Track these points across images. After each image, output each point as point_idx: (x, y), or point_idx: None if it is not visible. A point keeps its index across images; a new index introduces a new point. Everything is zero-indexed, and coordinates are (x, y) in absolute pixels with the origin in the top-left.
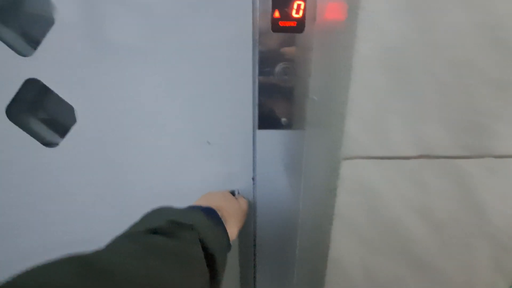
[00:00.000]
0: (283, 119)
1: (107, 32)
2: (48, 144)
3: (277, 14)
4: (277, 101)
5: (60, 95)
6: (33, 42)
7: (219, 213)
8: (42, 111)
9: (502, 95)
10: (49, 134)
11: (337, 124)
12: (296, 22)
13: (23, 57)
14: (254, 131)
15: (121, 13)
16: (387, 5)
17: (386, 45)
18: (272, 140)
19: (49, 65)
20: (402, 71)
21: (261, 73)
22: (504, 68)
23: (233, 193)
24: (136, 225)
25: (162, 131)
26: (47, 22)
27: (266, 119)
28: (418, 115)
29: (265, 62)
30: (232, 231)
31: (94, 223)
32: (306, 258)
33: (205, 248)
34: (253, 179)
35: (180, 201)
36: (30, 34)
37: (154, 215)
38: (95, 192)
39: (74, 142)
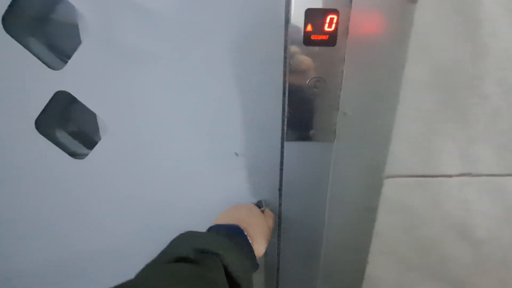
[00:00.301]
0: (311, 131)
1: (138, 43)
2: (75, 155)
3: (309, 28)
4: (306, 114)
5: (91, 108)
6: (59, 52)
7: (246, 232)
8: (69, 124)
9: None
10: (77, 146)
11: (380, 143)
12: (328, 36)
13: (53, 70)
14: (282, 142)
15: (150, 23)
16: (441, 28)
17: (437, 67)
18: (300, 152)
19: (79, 78)
20: (451, 93)
21: (291, 85)
22: None
23: (259, 204)
24: (164, 252)
25: (190, 143)
26: (73, 32)
27: (295, 131)
28: (464, 135)
29: (296, 74)
30: (259, 248)
31: (120, 235)
32: (338, 271)
33: (230, 275)
34: (279, 190)
35: (207, 213)
36: (56, 45)
37: (180, 242)
38: (121, 204)
39: (102, 154)
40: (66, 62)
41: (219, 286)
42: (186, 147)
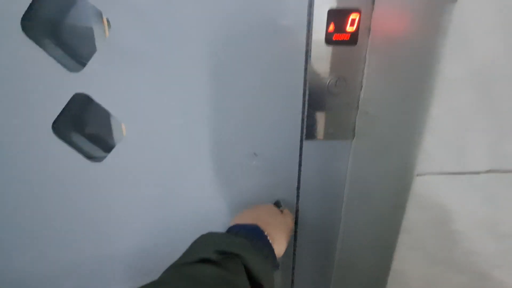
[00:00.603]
0: (331, 130)
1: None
2: (93, 158)
3: (331, 27)
4: (326, 112)
5: (110, 110)
6: (74, 55)
7: (266, 232)
8: (86, 126)
9: None
10: (94, 149)
11: (411, 141)
12: (349, 35)
13: (71, 73)
14: (301, 141)
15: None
16: (478, 24)
17: (474, 67)
18: (319, 150)
19: (98, 80)
20: (486, 90)
21: (312, 84)
22: None
23: (278, 204)
24: (186, 254)
25: (210, 144)
26: (86, 34)
27: (314, 129)
28: (495, 132)
29: (317, 73)
30: (279, 248)
31: (139, 237)
32: (360, 267)
33: (251, 276)
34: (297, 188)
35: (226, 213)
36: (71, 47)
37: (202, 243)
38: (140, 206)
39: (120, 156)
40: (82, 65)
41: (241, 287)
42: (206, 148)
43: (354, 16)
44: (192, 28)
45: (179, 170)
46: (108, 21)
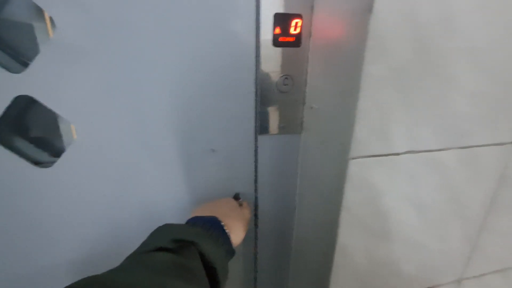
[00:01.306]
0: (282, 125)
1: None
2: (40, 164)
3: (277, 30)
4: (277, 109)
5: (59, 112)
6: (15, 54)
7: (223, 222)
8: (30, 130)
9: (472, 102)
10: (40, 154)
11: (345, 130)
12: (294, 38)
13: (12, 74)
14: (255, 136)
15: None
16: (392, 33)
17: (391, 66)
18: (272, 144)
19: (43, 81)
20: (402, 87)
21: (262, 83)
22: (476, 82)
23: (237, 196)
24: (143, 244)
25: (167, 142)
26: (28, 32)
27: (267, 125)
28: (409, 120)
29: (266, 73)
30: (236, 237)
31: (93, 242)
32: (310, 246)
33: (206, 261)
34: (255, 181)
35: (187, 209)
36: (11, 46)
37: (159, 233)
38: (95, 209)
39: (72, 160)
40: (24, 65)
41: (196, 272)
42: (163, 146)
43: (297, 20)
44: (142, 26)
45: (137, 171)
46: (51, 18)
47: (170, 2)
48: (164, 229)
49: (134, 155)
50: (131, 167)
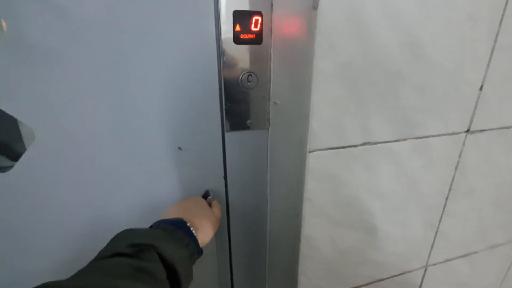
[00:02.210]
0: (248, 121)
1: (60, 40)
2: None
3: (238, 28)
4: (242, 105)
5: (13, 114)
6: None
7: (189, 223)
8: None
9: (420, 94)
10: None
11: (302, 124)
12: (254, 35)
13: None
14: (223, 133)
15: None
16: (338, 30)
17: (339, 62)
18: (240, 140)
19: None
20: (351, 81)
21: (226, 80)
22: (421, 75)
23: (207, 194)
24: (101, 251)
25: (133, 143)
26: None
27: (234, 122)
28: (363, 113)
29: (229, 70)
30: (204, 237)
31: (59, 247)
32: (281, 239)
33: (166, 263)
34: (224, 177)
35: (156, 209)
36: None
37: (117, 239)
38: (59, 214)
39: (31, 163)
40: None
41: (155, 273)
42: (128, 146)
43: (257, 17)
44: (100, 24)
45: (102, 173)
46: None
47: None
48: (122, 235)
49: (99, 156)
50: (95, 169)
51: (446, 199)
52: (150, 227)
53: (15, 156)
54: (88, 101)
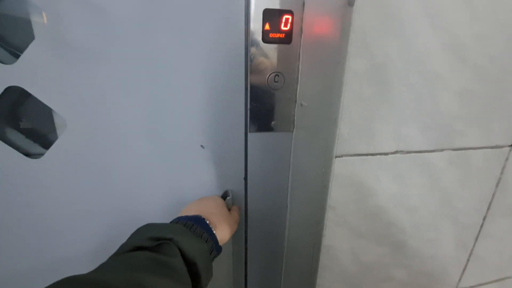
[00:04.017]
0: (273, 122)
1: (95, 35)
2: (30, 155)
3: (267, 26)
4: (267, 106)
5: (48, 103)
6: (9, 46)
7: (208, 220)
8: (22, 122)
9: (461, 101)
10: (31, 145)
11: (329, 127)
12: (284, 34)
13: (4, 65)
14: (246, 134)
15: (110, 18)
16: (374, 28)
17: (373, 62)
18: (263, 142)
19: (32, 73)
20: (385, 83)
21: (252, 80)
22: (463, 79)
23: (226, 194)
24: (122, 245)
25: (157, 138)
26: (24, 26)
27: (257, 123)
28: (396, 118)
29: (257, 70)
30: (222, 234)
31: (83, 236)
32: (299, 246)
33: (186, 257)
34: (245, 179)
35: (175, 206)
36: (5, 39)
37: (138, 233)
38: (85, 203)
39: (61, 153)
40: (16, 56)
41: (176, 268)
42: (153, 142)
43: (287, 16)
44: (133, 24)
45: (125, 166)
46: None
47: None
48: (143, 229)
49: (124, 151)
50: (121, 163)
51: (484, 218)
52: (170, 222)
53: (47, 144)
54: (117, 96)
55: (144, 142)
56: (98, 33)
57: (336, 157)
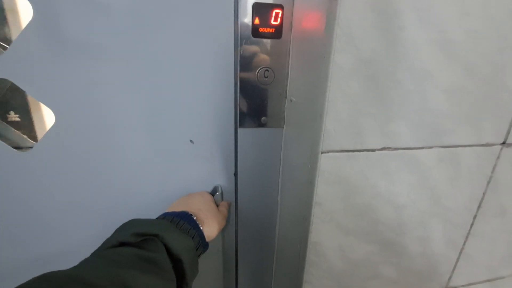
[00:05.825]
0: (263, 118)
1: (90, 33)
2: (19, 147)
3: (257, 21)
4: (257, 102)
5: (34, 96)
6: None
7: (195, 216)
8: (11, 114)
9: (451, 98)
10: (20, 138)
11: (315, 123)
12: (274, 29)
13: None
14: (236, 129)
15: (101, 12)
16: (359, 22)
17: (359, 57)
18: (253, 138)
19: (20, 65)
20: (372, 79)
21: (242, 75)
22: (453, 76)
23: (215, 189)
24: (106, 240)
25: (146, 133)
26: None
27: (247, 118)
28: (383, 114)
29: (246, 65)
30: (210, 230)
31: (72, 234)
32: (288, 243)
33: (171, 253)
34: (235, 174)
35: (165, 201)
36: None
37: (122, 229)
38: (74, 197)
39: (50, 145)
40: (3, 48)
41: (160, 263)
42: (141, 136)
43: (277, 10)
44: (121, 18)
45: (115, 160)
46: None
47: None
48: (127, 225)
49: (114, 146)
50: (110, 158)
51: (474, 217)
52: (156, 218)
53: (36, 137)
54: (106, 91)
55: (133, 137)
56: (87, 26)
57: (322, 153)
